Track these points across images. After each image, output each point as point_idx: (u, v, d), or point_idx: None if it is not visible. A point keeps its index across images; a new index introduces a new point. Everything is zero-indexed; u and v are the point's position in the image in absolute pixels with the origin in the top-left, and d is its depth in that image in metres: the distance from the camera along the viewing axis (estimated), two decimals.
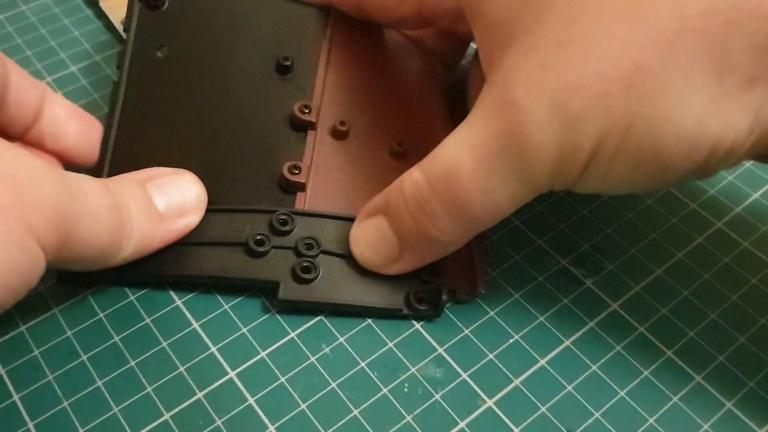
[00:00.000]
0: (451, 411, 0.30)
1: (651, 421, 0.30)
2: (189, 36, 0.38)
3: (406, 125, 0.37)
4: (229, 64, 0.38)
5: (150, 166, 0.34)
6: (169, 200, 0.32)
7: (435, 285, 0.32)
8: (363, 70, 0.39)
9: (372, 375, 0.31)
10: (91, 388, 0.30)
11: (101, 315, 0.32)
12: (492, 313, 0.33)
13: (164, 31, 0.38)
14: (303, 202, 0.35)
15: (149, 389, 0.30)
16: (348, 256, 0.33)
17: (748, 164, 0.40)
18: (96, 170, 0.35)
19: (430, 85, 0.39)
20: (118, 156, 0.35)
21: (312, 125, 0.36)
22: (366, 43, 0.40)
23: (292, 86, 0.38)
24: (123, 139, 0.36)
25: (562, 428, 0.30)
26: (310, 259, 0.32)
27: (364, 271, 0.33)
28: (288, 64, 0.37)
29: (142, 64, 0.37)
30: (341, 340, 0.32)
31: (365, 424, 0.30)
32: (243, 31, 0.39)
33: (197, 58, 0.38)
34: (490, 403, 0.30)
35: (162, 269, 0.33)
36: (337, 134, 0.36)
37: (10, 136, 0.33)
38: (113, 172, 0.34)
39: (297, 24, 0.39)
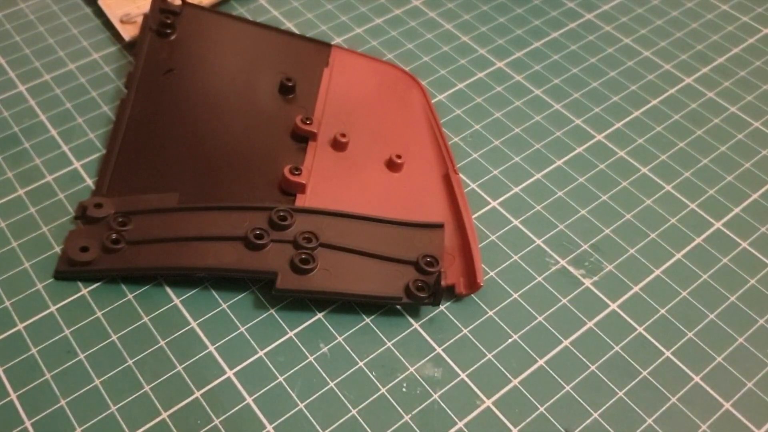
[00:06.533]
0: (449, 411, 0.30)
1: (649, 421, 0.30)
2: (195, 61, 0.42)
3: (400, 141, 0.39)
4: (234, 85, 0.41)
5: (151, 177, 0.36)
6: None
7: (434, 274, 0.33)
8: (361, 94, 0.41)
9: (370, 374, 0.31)
10: (88, 387, 0.30)
11: (99, 313, 0.32)
12: (491, 312, 0.33)
13: (172, 56, 0.42)
14: (303, 203, 0.36)
15: (147, 388, 0.30)
16: (347, 250, 0.33)
17: (748, 165, 0.40)
18: (97, 187, 0.36)
19: (421, 107, 0.41)
20: (120, 169, 0.37)
21: (313, 136, 0.38)
22: (364, 72, 0.43)
23: (295, 105, 0.40)
24: (126, 154, 0.37)
25: (561, 428, 0.30)
26: (308, 251, 0.33)
27: (363, 263, 0.33)
28: (291, 84, 0.40)
29: (150, 85, 0.41)
30: (339, 339, 0.32)
31: (363, 423, 0.30)
32: (248, 57, 0.42)
33: (202, 80, 0.41)
34: (488, 403, 0.30)
35: (161, 262, 0.33)
36: (338, 145, 0.38)
37: None
38: (113, 185, 0.36)
39: (300, 54, 0.43)
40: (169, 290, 0.33)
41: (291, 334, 0.32)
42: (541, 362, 0.32)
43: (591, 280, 0.34)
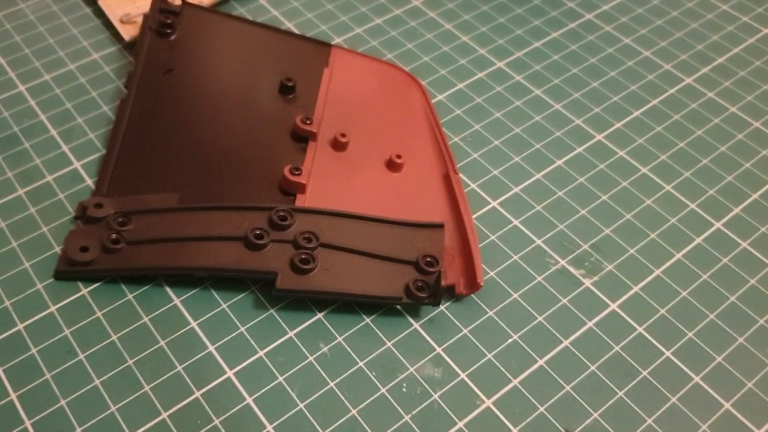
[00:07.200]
0: (449, 411, 0.30)
1: (649, 421, 0.30)
2: (195, 61, 0.42)
3: (400, 140, 0.39)
4: (234, 85, 0.41)
5: (151, 177, 0.36)
6: None
7: (434, 274, 0.33)
8: (361, 94, 0.41)
9: (370, 374, 0.31)
10: (88, 387, 0.30)
11: (99, 313, 0.32)
12: (491, 312, 0.33)
13: (172, 56, 0.42)
14: (303, 203, 0.36)
15: (147, 388, 0.30)
16: (347, 249, 0.33)
17: (748, 165, 0.40)
18: (97, 187, 0.36)
19: (421, 107, 0.41)
20: (120, 169, 0.37)
21: (313, 136, 0.38)
22: (364, 72, 0.43)
23: (295, 105, 0.40)
24: (126, 154, 0.37)
25: (561, 428, 0.30)
26: (308, 251, 0.33)
27: (363, 263, 0.33)
28: (291, 84, 0.40)
29: (150, 85, 0.41)
30: (339, 339, 0.32)
31: (363, 423, 0.30)
32: (248, 57, 0.42)
33: (202, 80, 0.41)
34: (488, 403, 0.30)
35: (161, 262, 0.33)
36: (338, 145, 0.38)
37: None
38: (113, 185, 0.36)
39: (301, 54, 0.43)
40: (169, 290, 0.33)
41: (291, 334, 0.32)
42: (541, 362, 0.32)
43: (591, 280, 0.34)
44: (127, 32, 0.44)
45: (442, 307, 0.33)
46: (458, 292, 0.33)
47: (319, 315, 0.33)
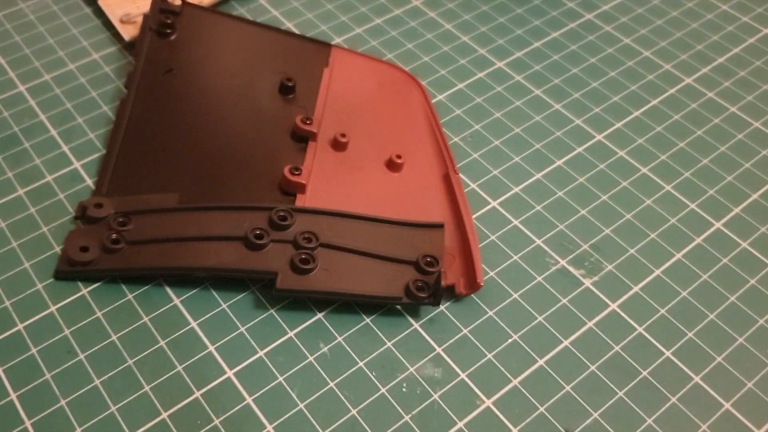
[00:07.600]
0: (449, 411, 0.30)
1: (649, 421, 0.30)
2: (195, 61, 0.42)
3: (400, 141, 0.39)
4: (234, 84, 0.41)
5: (151, 177, 0.36)
6: None
7: (434, 274, 0.33)
8: (361, 94, 0.41)
9: (370, 374, 0.31)
10: (88, 387, 0.30)
11: (99, 314, 0.32)
12: (491, 312, 0.33)
13: (172, 56, 0.42)
14: (303, 203, 0.36)
15: (147, 388, 0.30)
16: (347, 249, 0.33)
17: (748, 165, 0.40)
18: (97, 187, 0.36)
19: (421, 107, 0.41)
20: (120, 169, 0.37)
21: (313, 136, 0.38)
22: (364, 72, 0.43)
23: (295, 105, 0.40)
24: (126, 154, 0.38)
25: (561, 428, 0.30)
26: (308, 251, 0.33)
27: (363, 263, 0.33)
28: (291, 84, 0.40)
29: (150, 85, 0.41)
30: (339, 339, 0.32)
31: (363, 423, 0.30)
32: (248, 57, 0.42)
33: (202, 80, 0.41)
34: (488, 403, 0.30)
35: (161, 262, 0.33)
36: (338, 145, 0.38)
37: None
38: (113, 185, 0.36)
39: (300, 54, 0.43)
40: (169, 290, 0.33)
41: (291, 334, 0.32)
42: (541, 362, 0.32)
43: (591, 280, 0.34)
44: (127, 32, 0.44)
45: (442, 307, 0.33)
46: (458, 292, 0.33)
47: (319, 315, 0.33)
